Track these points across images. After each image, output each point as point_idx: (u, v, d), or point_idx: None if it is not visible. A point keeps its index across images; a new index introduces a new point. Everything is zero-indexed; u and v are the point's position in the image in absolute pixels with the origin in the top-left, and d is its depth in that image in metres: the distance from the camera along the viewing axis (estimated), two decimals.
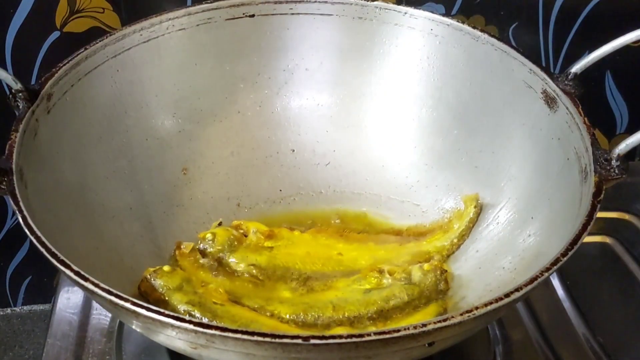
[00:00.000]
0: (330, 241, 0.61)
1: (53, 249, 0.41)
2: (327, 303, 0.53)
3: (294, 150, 0.68)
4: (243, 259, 0.58)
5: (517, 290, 0.41)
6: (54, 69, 0.54)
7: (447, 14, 0.77)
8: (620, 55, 0.56)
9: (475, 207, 0.60)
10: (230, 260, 0.58)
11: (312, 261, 0.58)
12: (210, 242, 0.58)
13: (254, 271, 0.57)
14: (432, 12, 0.64)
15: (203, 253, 0.58)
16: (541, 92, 0.57)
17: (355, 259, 0.59)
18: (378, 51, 0.66)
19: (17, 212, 0.43)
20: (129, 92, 0.61)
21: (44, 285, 0.91)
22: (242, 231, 0.60)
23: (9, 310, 0.93)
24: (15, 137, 0.48)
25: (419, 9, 0.64)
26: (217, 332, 0.37)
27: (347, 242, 0.61)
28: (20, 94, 0.50)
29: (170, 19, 0.62)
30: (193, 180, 0.64)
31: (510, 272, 0.53)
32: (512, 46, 0.59)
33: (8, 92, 0.51)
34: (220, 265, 0.58)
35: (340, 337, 0.37)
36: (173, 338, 0.40)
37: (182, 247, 0.58)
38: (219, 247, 0.58)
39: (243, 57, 0.66)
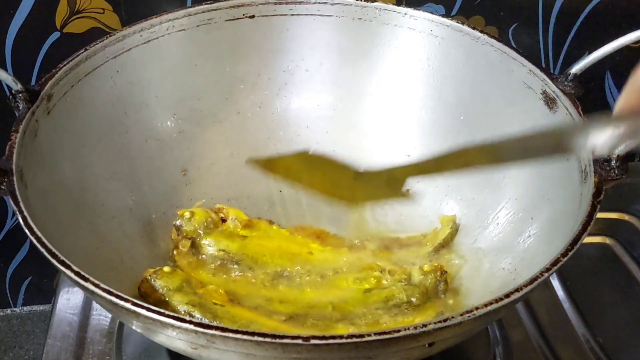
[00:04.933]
0: (305, 240, 0.61)
1: (53, 249, 0.41)
2: (327, 303, 0.53)
3: (293, 151, 0.68)
4: (215, 243, 0.58)
5: (517, 290, 0.41)
6: (54, 70, 0.54)
7: (446, 14, 0.77)
8: (620, 55, 0.56)
9: (451, 228, 0.61)
10: (202, 242, 0.58)
11: (281, 255, 0.58)
12: (187, 220, 0.59)
13: (222, 256, 0.58)
14: (432, 13, 0.64)
15: (178, 229, 0.59)
16: (541, 93, 0.57)
17: (325, 260, 0.59)
18: (378, 52, 0.66)
19: (17, 212, 0.44)
20: (129, 93, 0.61)
21: (44, 285, 0.91)
22: (222, 215, 0.61)
23: (9, 311, 0.93)
24: (16, 137, 0.48)
25: (419, 9, 0.64)
26: (218, 333, 0.37)
27: (321, 244, 0.61)
28: (20, 95, 0.50)
29: (170, 20, 0.62)
30: (193, 181, 0.64)
31: (511, 273, 0.53)
32: (511, 47, 0.60)
33: (8, 93, 0.51)
34: (193, 246, 0.58)
35: (341, 337, 0.37)
36: (173, 338, 0.40)
37: (179, 246, 0.58)
38: (195, 226, 0.59)
39: (243, 58, 0.66)
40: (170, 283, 0.52)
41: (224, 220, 0.60)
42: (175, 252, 0.58)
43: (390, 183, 0.52)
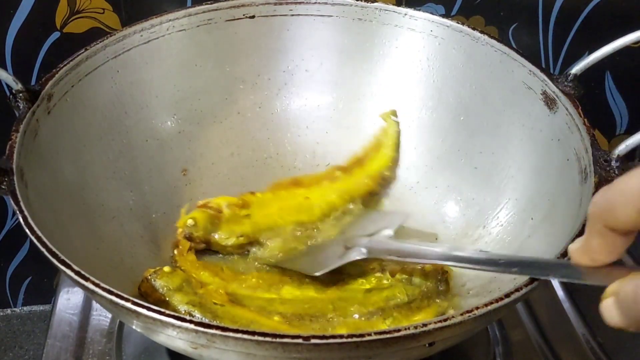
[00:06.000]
0: (290, 192, 0.63)
1: (54, 249, 0.41)
2: (327, 303, 0.53)
3: (294, 152, 0.68)
4: (230, 233, 0.58)
5: (517, 290, 0.41)
6: (54, 70, 0.54)
7: (446, 15, 0.77)
8: (620, 56, 0.56)
9: (394, 118, 0.65)
10: (218, 237, 0.58)
11: (288, 213, 0.60)
12: (194, 226, 0.58)
13: (243, 241, 0.58)
14: (432, 13, 0.64)
15: (190, 239, 0.59)
16: (541, 93, 0.57)
17: (322, 197, 0.62)
18: (378, 52, 0.66)
19: (17, 212, 0.44)
20: (129, 93, 0.61)
21: (44, 285, 0.91)
22: (213, 207, 0.61)
23: (9, 311, 0.93)
24: (16, 137, 0.48)
25: (419, 10, 0.64)
26: (218, 332, 0.37)
27: (305, 188, 0.63)
28: (20, 95, 0.50)
29: (170, 20, 0.62)
30: (193, 181, 0.64)
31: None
32: (511, 47, 0.60)
33: (8, 93, 0.51)
34: (209, 246, 0.59)
35: (341, 337, 0.37)
36: (174, 338, 0.40)
37: (179, 245, 0.58)
38: (204, 229, 0.58)
39: (243, 58, 0.66)
40: (171, 283, 0.52)
41: (219, 211, 0.60)
42: (175, 252, 0.58)
43: None
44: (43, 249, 0.41)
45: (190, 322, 0.37)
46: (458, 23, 0.62)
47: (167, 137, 0.63)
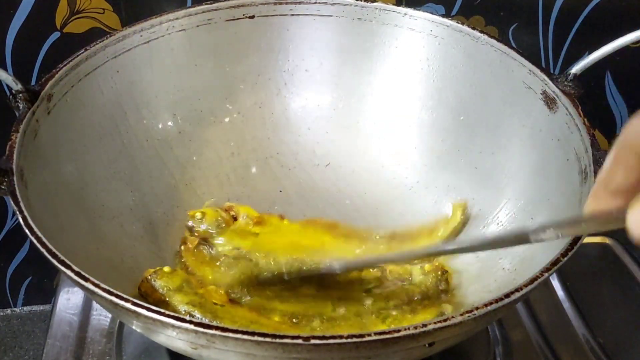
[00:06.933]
0: (317, 234, 0.61)
1: (53, 249, 0.41)
2: (327, 303, 0.53)
3: (294, 151, 0.68)
4: (229, 242, 0.59)
5: (517, 290, 0.41)
6: (54, 70, 0.54)
7: (446, 14, 0.77)
8: (620, 55, 0.56)
9: (462, 214, 0.61)
10: (216, 241, 0.59)
11: (293, 251, 0.58)
12: (199, 220, 0.60)
13: (236, 254, 0.58)
14: (432, 13, 0.64)
15: (191, 230, 0.59)
16: (541, 93, 0.57)
17: (336, 253, 0.59)
18: (378, 52, 0.66)
19: (17, 212, 0.44)
20: (129, 93, 0.61)
21: (44, 285, 0.91)
22: (232, 214, 0.61)
23: (8, 311, 0.93)
24: (16, 137, 0.48)
25: (419, 10, 0.64)
26: (218, 332, 0.37)
27: (333, 237, 0.61)
28: (20, 95, 0.50)
29: (170, 20, 0.62)
30: (193, 181, 0.64)
31: (510, 273, 0.53)
32: (511, 47, 0.60)
33: (8, 93, 0.51)
34: (207, 244, 0.59)
35: (341, 337, 0.37)
36: (173, 338, 0.40)
37: (187, 242, 0.59)
38: (207, 227, 0.59)
39: (243, 58, 0.66)
40: (171, 283, 0.52)
41: (235, 219, 0.61)
42: (182, 247, 0.58)
43: None
44: (43, 250, 0.41)
45: (190, 322, 0.37)
46: (458, 23, 0.62)
47: (167, 137, 0.63)
